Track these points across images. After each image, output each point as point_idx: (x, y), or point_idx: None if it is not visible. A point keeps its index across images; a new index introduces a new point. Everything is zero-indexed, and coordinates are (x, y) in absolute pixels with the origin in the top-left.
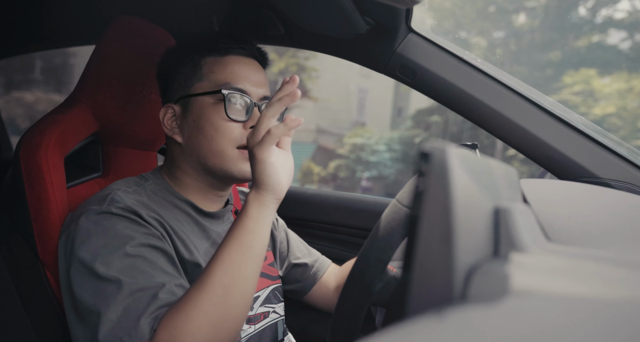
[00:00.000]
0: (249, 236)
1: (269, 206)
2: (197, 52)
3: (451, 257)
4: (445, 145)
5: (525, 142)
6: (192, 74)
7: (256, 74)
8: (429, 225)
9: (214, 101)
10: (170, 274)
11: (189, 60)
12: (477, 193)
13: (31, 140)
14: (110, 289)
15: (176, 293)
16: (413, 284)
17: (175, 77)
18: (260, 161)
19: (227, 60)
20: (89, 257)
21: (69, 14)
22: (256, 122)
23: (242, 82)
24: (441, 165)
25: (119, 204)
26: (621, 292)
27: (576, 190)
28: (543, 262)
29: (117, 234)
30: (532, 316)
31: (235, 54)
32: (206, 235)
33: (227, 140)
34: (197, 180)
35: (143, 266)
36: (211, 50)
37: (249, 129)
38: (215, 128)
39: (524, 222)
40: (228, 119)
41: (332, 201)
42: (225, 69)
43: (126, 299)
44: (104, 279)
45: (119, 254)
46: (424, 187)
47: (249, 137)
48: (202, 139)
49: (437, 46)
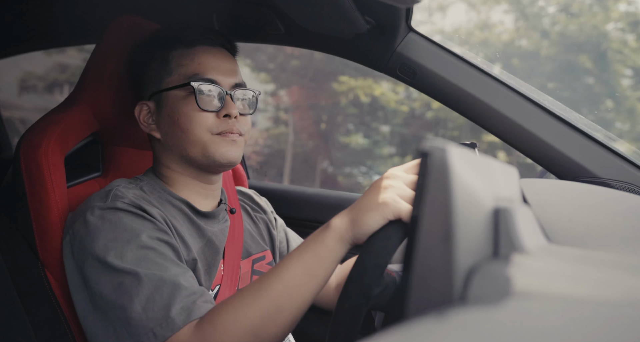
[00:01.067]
0: (318, 265)
1: (345, 243)
2: (165, 46)
3: (451, 257)
4: (445, 144)
5: (525, 142)
6: (162, 69)
7: (225, 63)
8: (429, 225)
9: (185, 94)
10: (182, 266)
11: (157, 55)
12: (477, 193)
13: (31, 139)
14: (129, 281)
15: (193, 283)
16: (413, 284)
17: (146, 73)
18: (379, 203)
19: (195, 51)
20: (101, 252)
21: (69, 13)
22: (229, 109)
23: (211, 72)
24: (441, 165)
25: (123, 200)
26: (621, 293)
27: (576, 190)
28: (543, 263)
29: (125, 227)
30: (531, 318)
31: (202, 44)
32: (201, 234)
33: (202, 128)
34: (183, 174)
35: (156, 258)
36: (178, 43)
37: (223, 118)
38: (190, 119)
39: (524, 223)
40: (200, 110)
41: (332, 201)
42: (193, 60)
43: (148, 290)
44: (120, 271)
45: (131, 247)
46: (424, 187)
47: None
48: (179, 131)
49: (437, 45)
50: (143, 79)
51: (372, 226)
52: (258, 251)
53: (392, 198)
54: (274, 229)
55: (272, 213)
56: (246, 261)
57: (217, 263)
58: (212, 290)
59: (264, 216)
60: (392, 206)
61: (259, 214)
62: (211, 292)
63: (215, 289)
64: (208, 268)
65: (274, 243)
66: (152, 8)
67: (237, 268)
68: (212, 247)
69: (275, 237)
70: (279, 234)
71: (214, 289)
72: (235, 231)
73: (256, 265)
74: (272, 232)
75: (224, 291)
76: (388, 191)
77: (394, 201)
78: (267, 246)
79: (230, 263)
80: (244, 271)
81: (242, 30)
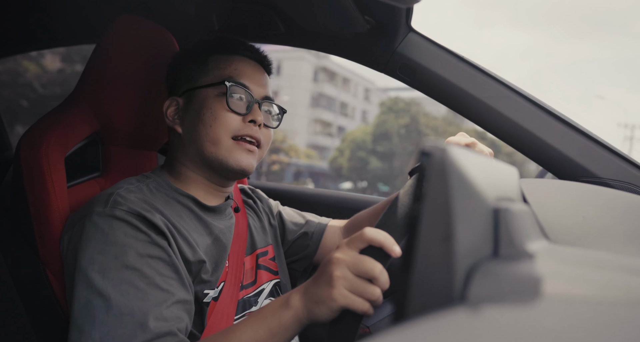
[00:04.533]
0: (271, 340)
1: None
2: (206, 51)
3: (451, 257)
4: (445, 144)
5: (525, 142)
6: (199, 70)
7: (259, 75)
8: (429, 225)
9: (217, 93)
10: (166, 291)
11: (197, 58)
12: (477, 193)
13: (32, 139)
14: (98, 304)
15: (168, 318)
16: (413, 284)
17: (183, 74)
18: (330, 298)
19: (233, 59)
20: (86, 263)
21: (69, 13)
22: (256, 116)
23: (245, 79)
24: (441, 165)
25: (122, 207)
26: (621, 293)
27: (576, 190)
28: (543, 263)
29: (116, 241)
30: (531, 318)
31: (241, 54)
32: (208, 231)
33: (224, 128)
34: (197, 173)
35: (138, 282)
36: (219, 49)
37: (248, 123)
38: (215, 117)
39: (524, 223)
40: (228, 110)
41: (332, 201)
42: (230, 65)
43: (113, 322)
44: (95, 290)
45: (116, 265)
46: (424, 186)
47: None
48: (201, 126)
49: (437, 45)
50: (179, 77)
51: (325, 318)
52: (262, 246)
53: (341, 294)
54: (272, 219)
55: (268, 200)
56: (250, 257)
57: (224, 260)
58: (217, 287)
59: (264, 206)
60: (341, 302)
61: (260, 205)
62: (216, 289)
63: (220, 286)
64: (215, 266)
65: (276, 237)
66: (152, 8)
67: (241, 265)
68: (220, 244)
69: (276, 228)
70: (277, 223)
71: (219, 286)
72: (240, 228)
73: (260, 259)
74: (272, 222)
75: (228, 288)
76: (337, 285)
77: (343, 297)
78: (270, 239)
79: (234, 260)
80: (249, 267)
81: (242, 30)
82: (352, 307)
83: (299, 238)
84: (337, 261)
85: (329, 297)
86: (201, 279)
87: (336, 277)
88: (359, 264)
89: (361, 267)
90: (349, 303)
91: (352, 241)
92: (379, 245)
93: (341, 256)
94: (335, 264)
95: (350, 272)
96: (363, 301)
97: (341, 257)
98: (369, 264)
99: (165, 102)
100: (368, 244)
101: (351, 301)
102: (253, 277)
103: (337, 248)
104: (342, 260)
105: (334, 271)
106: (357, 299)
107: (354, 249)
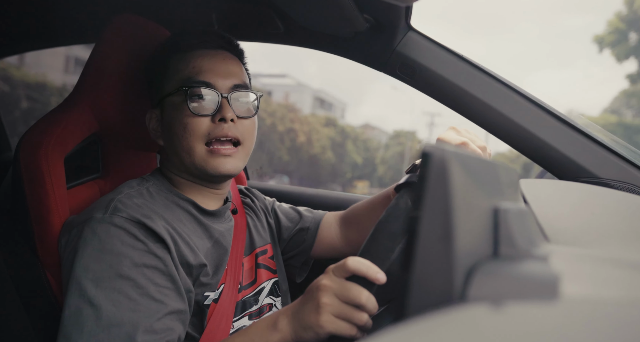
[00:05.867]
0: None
1: (301, 340)
2: (164, 53)
3: (451, 257)
4: (445, 145)
5: (525, 142)
6: (162, 76)
7: (223, 64)
8: (429, 225)
9: (180, 100)
10: (159, 301)
11: (159, 62)
12: (477, 193)
13: (31, 140)
14: (88, 313)
15: (159, 330)
16: (413, 284)
17: (153, 83)
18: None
19: (191, 56)
20: (80, 270)
21: (68, 12)
22: (224, 113)
23: (205, 75)
24: (441, 165)
25: (121, 214)
26: (621, 293)
27: (576, 190)
28: (543, 263)
29: (111, 249)
30: (531, 318)
31: (199, 48)
32: (208, 234)
33: (195, 137)
34: (188, 179)
35: (131, 292)
36: (176, 49)
37: (218, 122)
38: (183, 126)
39: (524, 223)
40: (193, 115)
41: (332, 201)
42: (188, 65)
43: (101, 332)
44: (86, 298)
45: (110, 274)
46: (424, 186)
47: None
48: (175, 138)
49: (437, 44)
50: (151, 86)
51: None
52: (261, 245)
53: (328, 320)
54: (269, 218)
55: (264, 198)
56: (249, 257)
57: (224, 263)
58: (217, 289)
59: (261, 204)
60: (328, 328)
61: (258, 203)
62: (217, 291)
63: (221, 288)
64: (216, 269)
65: (274, 236)
66: (152, 7)
67: (240, 266)
68: (220, 248)
69: (273, 227)
70: (274, 222)
71: (219, 288)
72: (238, 230)
73: (259, 258)
74: (270, 221)
75: (227, 289)
76: (323, 312)
77: (330, 323)
78: (269, 238)
79: (233, 262)
80: (248, 267)
81: (241, 30)
82: (340, 332)
83: (296, 235)
84: (324, 288)
85: (316, 324)
86: (201, 282)
87: (323, 303)
88: (345, 292)
89: (347, 294)
90: (336, 329)
91: (338, 268)
92: (362, 275)
93: (328, 283)
94: (322, 291)
95: (337, 298)
96: (350, 326)
97: (328, 284)
98: (355, 291)
99: (147, 116)
100: (352, 274)
101: (338, 327)
102: (252, 276)
103: (324, 274)
104: (329, 287)
105: (321, 298)
106: (344, 325)
107: (340, 276)
